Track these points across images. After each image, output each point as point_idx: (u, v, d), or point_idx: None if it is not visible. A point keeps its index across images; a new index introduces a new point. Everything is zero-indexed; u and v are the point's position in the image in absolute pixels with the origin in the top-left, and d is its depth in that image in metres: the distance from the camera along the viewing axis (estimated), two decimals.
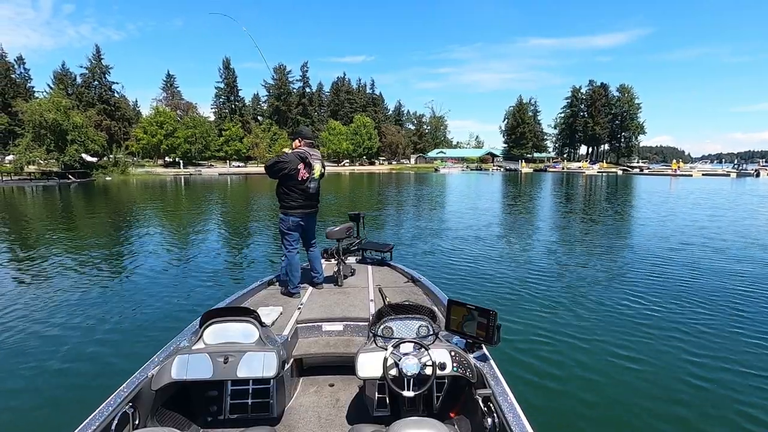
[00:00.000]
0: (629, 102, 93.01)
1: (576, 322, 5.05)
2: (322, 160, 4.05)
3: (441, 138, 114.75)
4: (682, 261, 7.97)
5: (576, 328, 4.87)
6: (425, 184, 37.42)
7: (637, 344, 4.43)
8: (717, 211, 15.57)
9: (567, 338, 4.59)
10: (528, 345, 4.41)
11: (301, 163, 3.80)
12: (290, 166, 3.77)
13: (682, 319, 5.08)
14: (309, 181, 3.85)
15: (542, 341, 4.51)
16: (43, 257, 8.68)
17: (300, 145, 3.91)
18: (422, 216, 15.58)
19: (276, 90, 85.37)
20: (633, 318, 5.15)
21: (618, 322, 5.03)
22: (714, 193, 25.04)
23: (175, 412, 2.44)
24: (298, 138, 3.95)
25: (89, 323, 5.06)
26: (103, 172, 48.56)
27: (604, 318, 5.17)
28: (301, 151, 3.85)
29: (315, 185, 3.91)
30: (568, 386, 3.66)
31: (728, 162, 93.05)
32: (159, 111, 67.55)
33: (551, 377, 3.80)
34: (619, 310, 5.44)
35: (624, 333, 4.72)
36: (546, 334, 4.69)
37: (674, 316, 5.19)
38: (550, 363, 4.04)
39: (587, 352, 4.28)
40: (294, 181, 3.80)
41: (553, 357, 4.17)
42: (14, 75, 64.16)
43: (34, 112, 42.92)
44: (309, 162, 3.83)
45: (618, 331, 4.78)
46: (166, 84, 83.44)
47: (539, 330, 4.79)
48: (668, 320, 5.05)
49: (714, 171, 59.42)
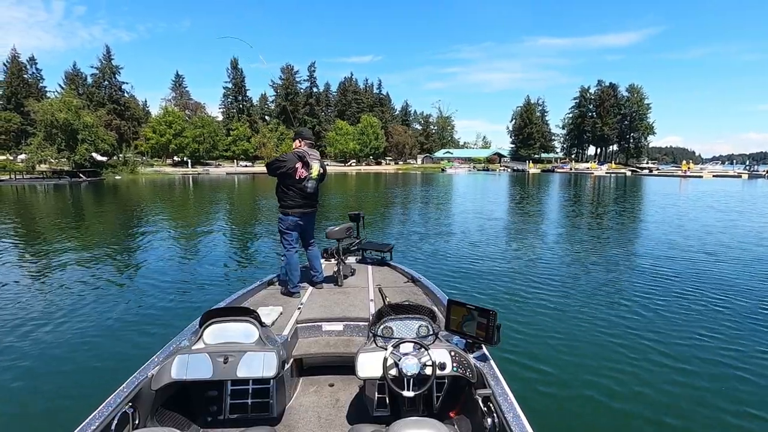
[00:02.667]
0: (638, 102, 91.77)
1: (576, 322, 5.02)
2: (321, 161, 4.10)
3: (448, 138, 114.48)
4: (685, 263, 7.85)
5: (576, 328, 4.84)
6: (430, 184, 37.29)
7: (638, 345, 4.39)
8: (728, 215, 15.17)
9: (567, 338, 4.56)
10: (528, 345, 4.38)
11: (299, 162, 3.87)
12: (288, 165, 3.84)
13: (683, 321, 5.03)
14: (306, 180, 3.91)
15: (542, 341, 4.49)
16: (48, 256, 8.77)
17: (300, 145, 3.99)
18: (424, 216, 15.54)
19: (283, 90, 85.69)
20: (633, 319, 5.11)
21: (618, 323, 4.99)
22: (725, 196, 24.65)
23: (175, 412, 2.44)
24: (299, 138, 4.04)
25: (89, 322, 5.07)
26: (112, 171, 49.18)
27: (604, 318, 5.14)
28: (299, 151, 3.93)
29: (313, 185, 3.96)
30: (568, 386, 3.64)
31: (739, 163, 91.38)
32: (168, 111, 68.27)
33: (551, 377, 3.78)
34: (620, 310, 5.40)
35: (624, 334, 4.68)
36: (546, 334, 4.67)
37: (675, 317, 5.14)
38: (550, 363, 4.02)
39: (587, 352, 4.25)
40: (292, 179, 3.86)
41: (553, 357, 4.15)
42: (26, 75, 65.30)
43: (45, 112, 43.59)
44: (307, 161, 3.90)
45: (618, 331, 4.74)
46: (175, 84, 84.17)
47: (539, 330, 4.77)
48: (669, 322, 5.00)
49: (725, 172, 58.47)
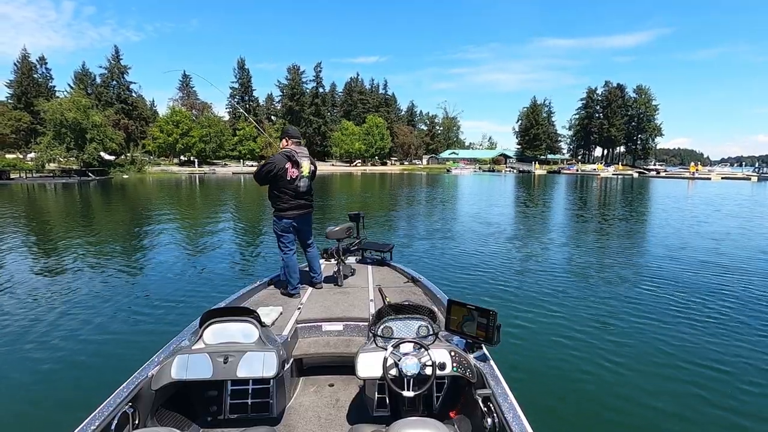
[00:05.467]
0: (646, 103, 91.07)
1: (576, 322, 5.00)
2: (310, 157, 4.01)
3: (453, 139, 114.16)
4: (690, 268, 7.71)
5: (576, 328, 4.82)
6: (434, 185, 37.21)
7: (639, 346, 4.38)
8: (735, 220, 14.87)
9: (567, 338, 4.55)
10: (528, 345, 4.38)
11: (288, 162, 3.76)
12: (278, 166, 3.72)
13: (684, 321, 5.01)
14: (299, 179, 3.83)
15: (542, 341, 4.47)
16: (52, 255, 8.83)
17: (287, 144, 3.87)
18: (426, 217, 15.52)
19: (289, 90, 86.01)
20: (634, 320, 5.08)
21: (619, 324, 4.97)
22: (734, 199, 24.36)
23: (175, 412, 2.45)
24: (285, 138, 3.91)
25: (89, 322, 5.08)
26: (120, 170, 49.68)
27: (604, 318, 5.12)
28: (287, 150, 3.81)
29: (305, 183, 3.89)
30: (568, 386, 3.63)
31: (749, 165, 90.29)
32: (175, 110, 68.73)
33: (551, 377, 3.77)
34: (621, 311, 5.37)
35: (625, 334, 4.66)
36: (546, 334, 4.66)
37: (676, 319, 5.10)
38: (550, 363, 4.01)
39: (587, 352, 4.23)
40: (283, 181, 3.76)
41: (553, 357, 4.13)
42: (36, 75, 65.89)
43: (55, 111, 44.08)
44: (296, 160, 3.79)
45: (619, 332, 4.73)
46: (182, 84, 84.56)
47: (539, 330, 4.76)
48: (670, 323, 4.97)
49: (733, 174, 57.81)
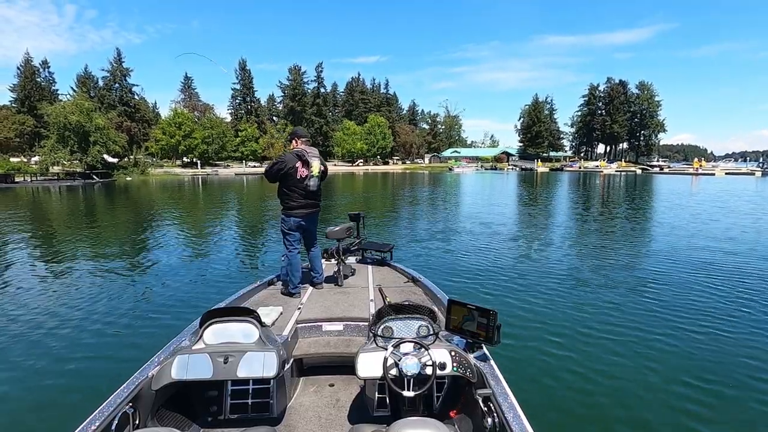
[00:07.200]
0: (649, 99, 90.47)
1: (577, 322, 4.99)
2: (321, 158, 4.06)
3: (455, 137, 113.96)
4: (692, 266, 7.66)
5: (577, 328, 4.81)
6: (436, 184, 37.13)
7: (638, 345, 4.36)
8: (740, 218, 14.69)
9: (567, 338, 4.54)
10: (528, 345, 4.37)
11: (298, 161, 3.82)
12: (288, 165, 3.80)
13: (685, 322, 4.97)
14: (308, 178, 3.88)
15: (542, 341, 4.46)
16: (55, 257, 8.89)
17: (297, 144, 3.94)
18: (427, 216, 15.51)
19: (291, 91, 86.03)
20: (635, 320, 5.06)
21: (619, 323, 4.95)
22: (740, 195, 24.17)
23: (175, 412, 2.45)
24: (295, 138, 3.99)
25: (89, 322, 5.12)
26: (123, 172, 49.89)
27: (605, 318, 5.10)
28: (298, 150, 3.88)
29: (315, 182, 3.93)
30: (568, 386, 3.62)
31: (753, 160, 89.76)
32: (177, 112, 68.81)
33: (551, 377, 3.76)
34: (621, 311, 5.35)
35: (626, 334, 4.64)
36: (546, 334, 4.65)
37: (678, 320, 5.07)
38: (551, 363, 4.01)
39: (588, 352, 4.22)
40: (293, 180, 3.83)
41: (554, 357, 4.12)
42: (39, 78, 66.21)
43: (58, 115, 44.38)
44: (306, 159, 3.85)
45: (620, 332, 4.71)
46: (184, 86, 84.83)
47: (540, 330, 4.75)
48: (670, 324, 4.94)
49: (737, 170, 57.50)
